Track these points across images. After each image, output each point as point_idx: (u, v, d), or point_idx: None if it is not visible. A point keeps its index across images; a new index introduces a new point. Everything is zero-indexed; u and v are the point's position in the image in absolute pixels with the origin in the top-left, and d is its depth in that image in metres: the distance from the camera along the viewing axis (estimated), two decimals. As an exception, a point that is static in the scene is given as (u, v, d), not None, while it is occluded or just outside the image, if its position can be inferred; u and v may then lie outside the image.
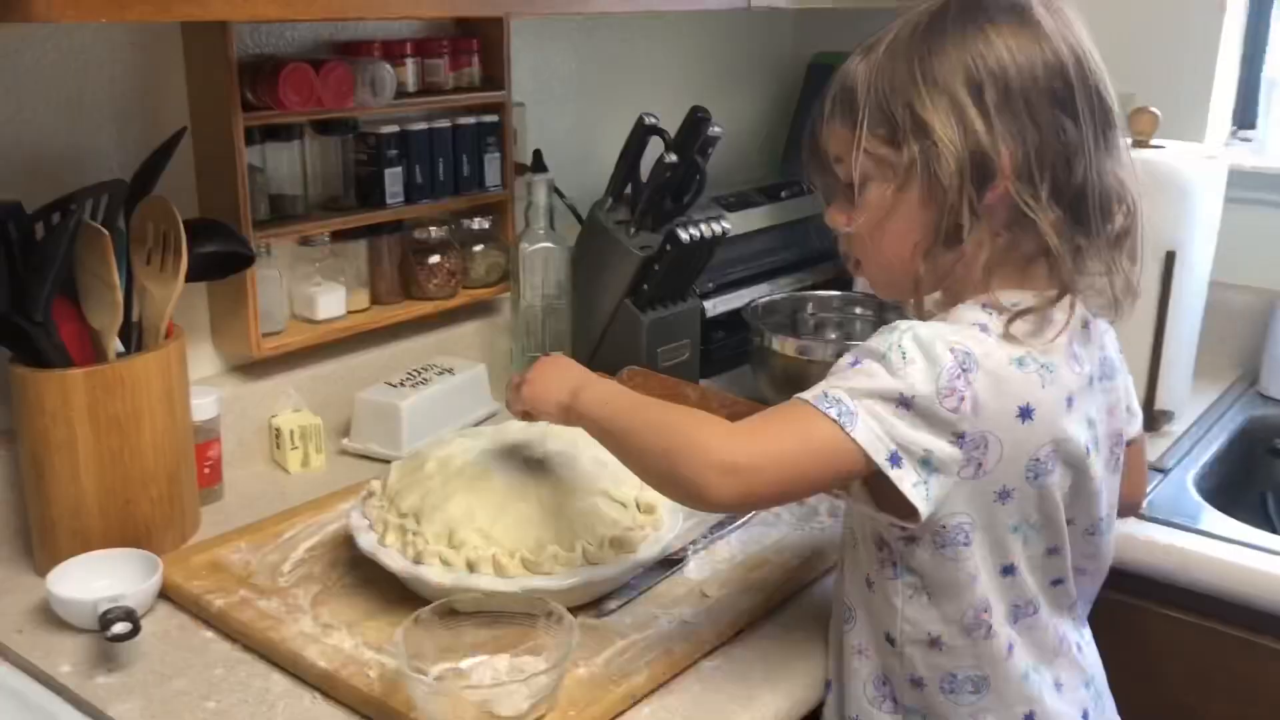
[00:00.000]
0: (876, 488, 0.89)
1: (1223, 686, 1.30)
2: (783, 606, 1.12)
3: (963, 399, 0.85)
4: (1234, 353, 1.84)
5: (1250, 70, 1.89)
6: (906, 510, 0.86)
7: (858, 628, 0.99)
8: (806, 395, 0.87)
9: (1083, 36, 0.90)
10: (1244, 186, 1.77)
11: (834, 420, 0.84)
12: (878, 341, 0.88)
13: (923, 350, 0.85)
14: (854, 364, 0.88)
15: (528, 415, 1.08)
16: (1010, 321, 0.89)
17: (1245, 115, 1.92)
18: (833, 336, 1.75)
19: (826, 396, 0.86)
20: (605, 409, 0.98)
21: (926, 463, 0.85)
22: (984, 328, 0.89)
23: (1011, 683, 0.95)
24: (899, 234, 0.92)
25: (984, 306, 0.91)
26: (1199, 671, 1.31)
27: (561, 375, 1.05)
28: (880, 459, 0.84)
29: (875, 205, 0.92)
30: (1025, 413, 0.87)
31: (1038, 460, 0.89)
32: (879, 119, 0.90)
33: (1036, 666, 0.96)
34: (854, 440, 0.84)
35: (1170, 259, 1.48)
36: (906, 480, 0.85)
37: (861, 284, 1.89)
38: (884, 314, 1.73)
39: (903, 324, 0.89)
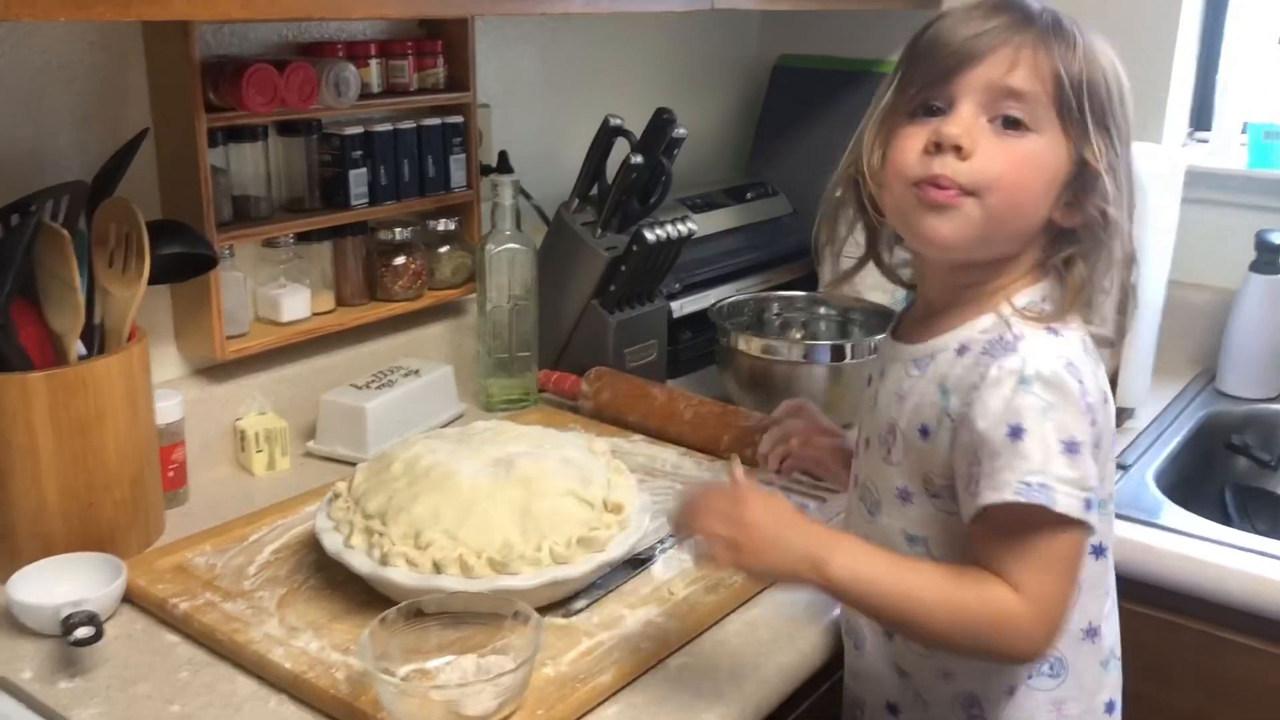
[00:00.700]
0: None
1: (1183, 678, 1.32)
2: (748, 604, 1.12)
3: (1092, 412, 0.89)
4: (1192, 350, 1.87)
5: (1205, 73, 1.92)
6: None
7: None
8: (1008, 496, 0.86)
9: None
10: (1201, 187, 1.80)
11: (1050, 508, 0.85)
12: (1019, 401, 0.87)
13: (1058, 390, 0.87)
14: (1016, 434, 0.86)
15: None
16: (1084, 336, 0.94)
17: (1201, 117, 1.95)
18: (798, 336, 1.76)
19: (1033, 488, 0.85)
20: (869, 588, 0.90)
21: (1095, 491, 0.88)
22: (1051, 329, 0.91)
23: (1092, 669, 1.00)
24: (1038, 191, 0.91)
25: (1043, 300, 0.94)
26: (1160, 664, 1.33)
27: (784, 537, 0.91)
28: (1083, 515, 0.86)
29: (1037, 156, 0.90)
30: (1107, 398, 0.93)
31: (1114, 434, 0.97)
32: (1092, 106, 0.90)
33: (1114, 651, 1.03)
34: (1073, 519, 0.86)
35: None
36: (1093, 515, 0.88)
37: (824, 283, 1.91)
38: (847, 313, 1.75)
39: (1022, 369, 0.88)
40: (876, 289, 1.86)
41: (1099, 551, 0.99)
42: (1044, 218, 0.93)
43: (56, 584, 1.08)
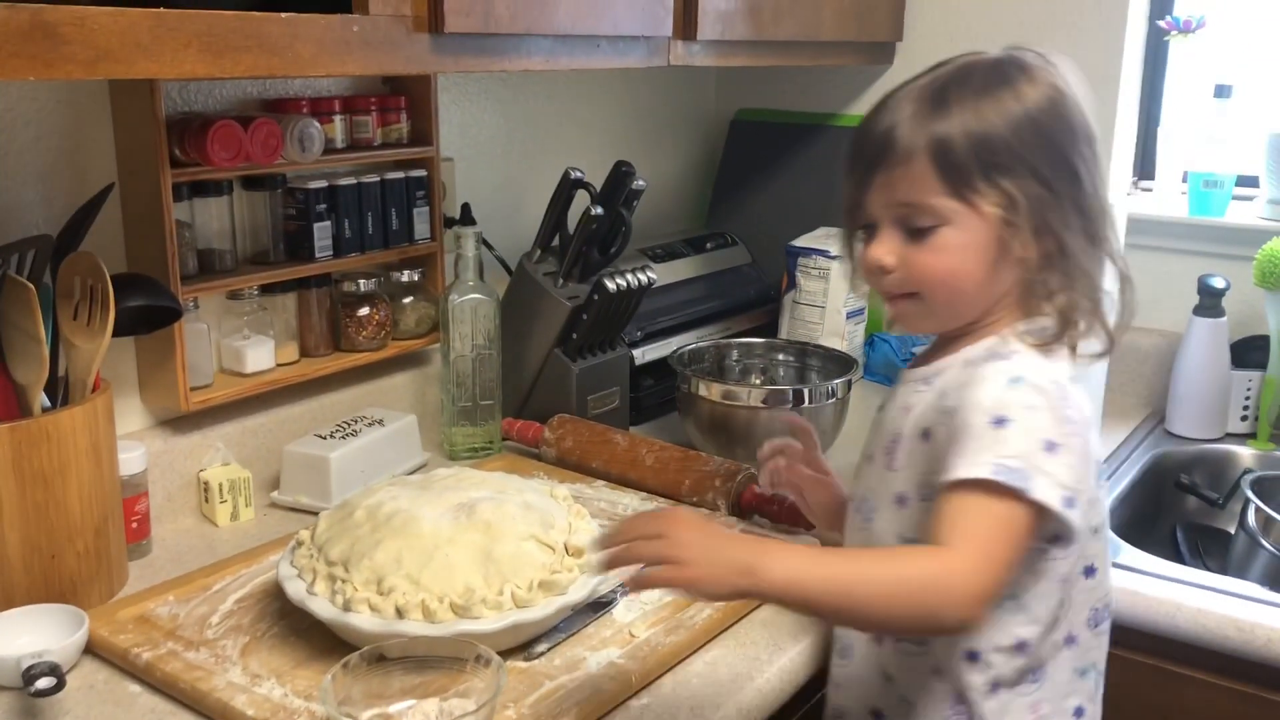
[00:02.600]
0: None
1: (1133, 714, 1.34)
2: (709, 645, 1.14)
3: (1074, 425, 0.94)
4: (1141, 392, 1.92)
5: (1147, 126, 1.99)
6: (1048, 535, 0.96)
7: (932, 651, 1.03)
8: (985, 473, 0.89)
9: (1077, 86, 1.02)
10: (1144, 234, 1.86)
11: (1031, 499, 0.89)
12: (1009, 395, 0.93)
13: (1043, 394, 0.93)
14: (1000, 423, 0.91)
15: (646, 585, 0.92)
16: (1051, 345, 0.99)
17: (1144, 166, 2.02)
18: (757, 381, 1.79)
19: (1010, 470, 0.89)
20: (806, 585, 0.90)
21: (1078, 494, 0.93)
22: (1047, 351, 0.98)
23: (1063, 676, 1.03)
24: (972, 270, 0.98)
25: (1043, 330, 0.99)
26: (1114, 700, 1.34)
27: (717, 549, 0.90)
28: (1060, 508, 0.90)
29: (957, 245, 0.97)
30: (1091, 423, 0.97)
31: (1098, 461, 1.00)
32: (981, 167, 0.95)
33: (1099, 664, 1.07)
34: (1044, 504, 0.89)
35: (1076, 303, 1.55)
36: (1076, 514, 0.92)
37: (785, 329, 1.94)
38: (805, 359, 1.78)
39: (1006, 369, 0.95)
40: (832, 335, 1.90)
41: (1090, 571, 1.02)
42: (998, 278, 0.99)
43: (17, 635, 1.08)
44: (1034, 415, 0.92)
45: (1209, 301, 1.75)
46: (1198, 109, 1.92)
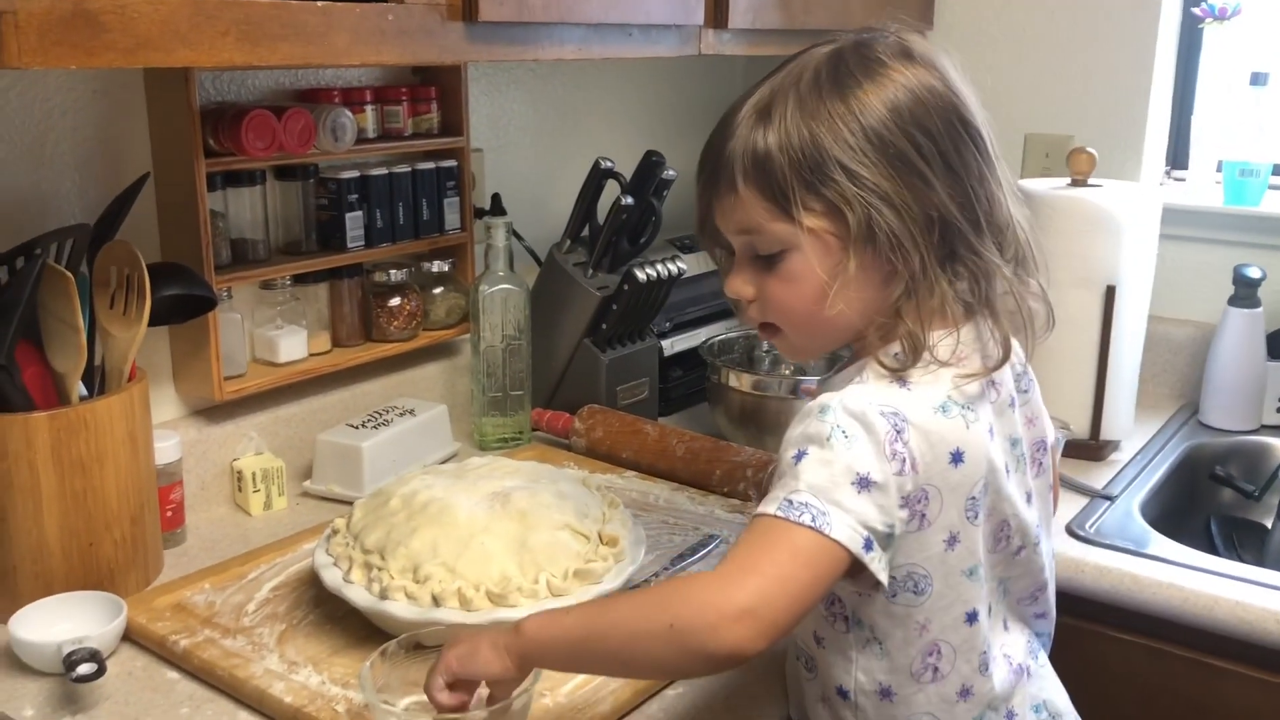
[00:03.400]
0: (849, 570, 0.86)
1: (1171, 707, 1.33)
2: (744, 635, 1.14)
3: (905, 461, 0.85)
4: (1175, 384, 1.90)
5: (1181, 115, 1.97)
6: (869, 582, 0.86)
7: (818, 678, 0.98)
8: (771, 509, 0.83)
9: (951, 68, 0.92)
10: (1179, 224, 1.84)
11: (811, 528, 0.81)
12: (814, 428, 0.86)
13: (860, 424, 0.85)
14: (799, 457, 0.85)
15: (457, 691, 0.89)
16: (961, 381, 0.89)
17: (1178, 156, 2.00)
18: (786, 372, 1.78)
19: (793, 505, 0.82)
20: (565, 622, 0.87)
21: (889, 536, 0.85)
22: (905, 382, 0.89)
23: None
24: (846, 296, 0.90)
25: (895, 356, 0.90)
26: (1149, 693, 1.34)
27: (481, 635, 0.89)
28: (857, 549, 0.83)
29: (812, 271, 0.89)
30: (957, 457, 0.88)
31: (973, 499, 0.90)
32: (804, 184, 0.88)
33: (994, 704, 0.96)
34: (835, 541, 0.82)
35: (1111, 293, 1.54)
36: (876, 561, 0.84)
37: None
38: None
39: (827, 401, 0.87)
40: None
41: (972, 618, 0.93)
42: (859, 300, 0.90)
43: (57, 622, 1.09)
44: (846, 448, 0.83)
45: (1244, 292, 1.73)
46: (1233, 97, 1.90)
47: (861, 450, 0.84)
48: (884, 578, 0.85)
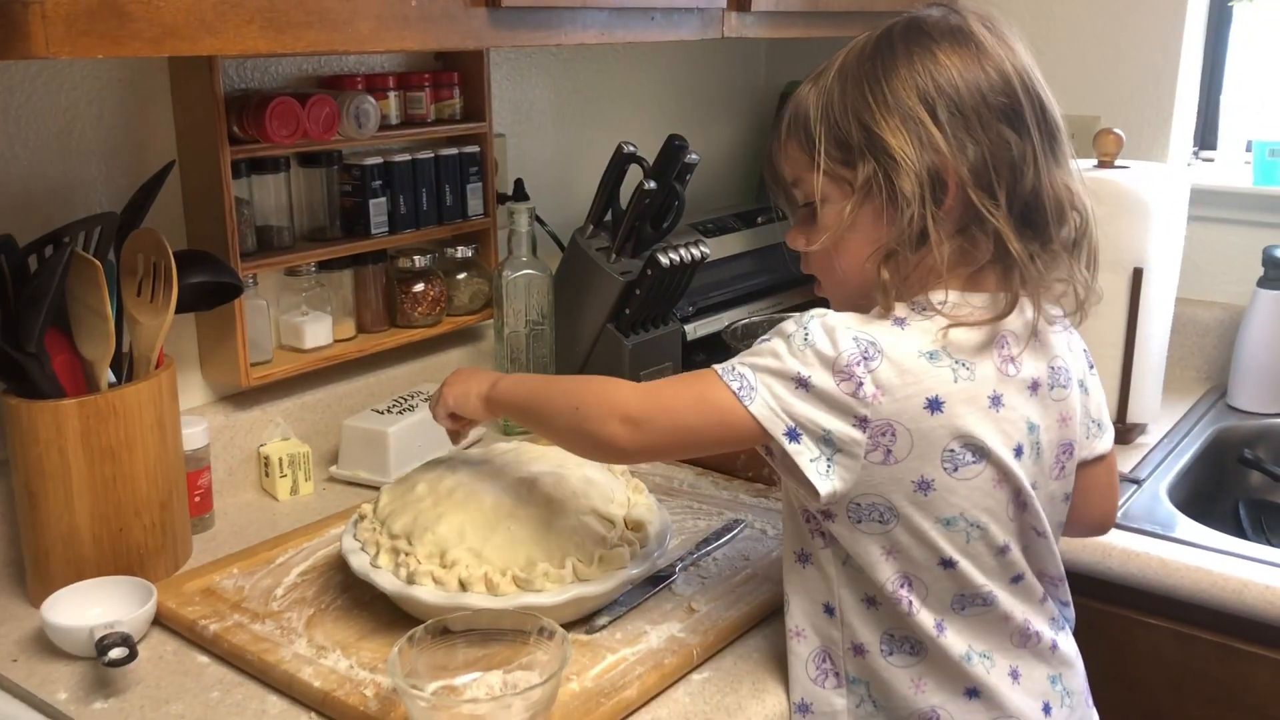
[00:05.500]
0: (784, 462, 0.93)
1: (1200, 690, 1.33)
2: (769, 619, 1.14)
3: (860, 384, 0.89)
4: (1202, 366, 1.89)
5: (1210, 95, 1.95)
6: (811, 490, 0.91)
7: (793, 610, 1.02)
8: (717, 365, 0.94)
9: (1023, 54, 0.95)
10: (1207, 205, 1.82)
11: (733, 392, 0.91)
12: (790, 323, 0.93)
13: (827, 335, 0.91)
14: (764, 340, 0.94)
15: (456, 419, 1.15)
16: (948, 328, 0.92)
17: (1206, 137, 1.98)
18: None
19: (734, 370, 0.93)
20: (522, 388, 1.08)
21: (828, 441, 0.91)
22: (901, 322, 0.93)
23: (949, 658, 0.97)
24: (857, 249, 0.96)
25: (912, 304, 0.94)
26: (1176, 677, 1.34)
27: (477, 376, 1.13)
28: (778, 433, 0.91)
29: (834, 223, 0.96)
30: (934, 404, 0.90)
31: (951, 451, 0.91)
32: (834, 140, 0.95)
33: (985, 653, 0.98)
34: (750, 414, 0.91)
35: (1138, 275, 1.52)
36: (804, 455, 0.91)
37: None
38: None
39: (818, 310, 0.94)
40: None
41: (948, 564, 0.95)
42: (873, 251, 0.94)
43: (88, 607, 1.10)
44: (801, 349, 0.91)
45: (1274, 273, 1.71)
46: (1262, 77, 1.88)
47: (812, 358, 0.90)
48: (819, 483, 0.91)
